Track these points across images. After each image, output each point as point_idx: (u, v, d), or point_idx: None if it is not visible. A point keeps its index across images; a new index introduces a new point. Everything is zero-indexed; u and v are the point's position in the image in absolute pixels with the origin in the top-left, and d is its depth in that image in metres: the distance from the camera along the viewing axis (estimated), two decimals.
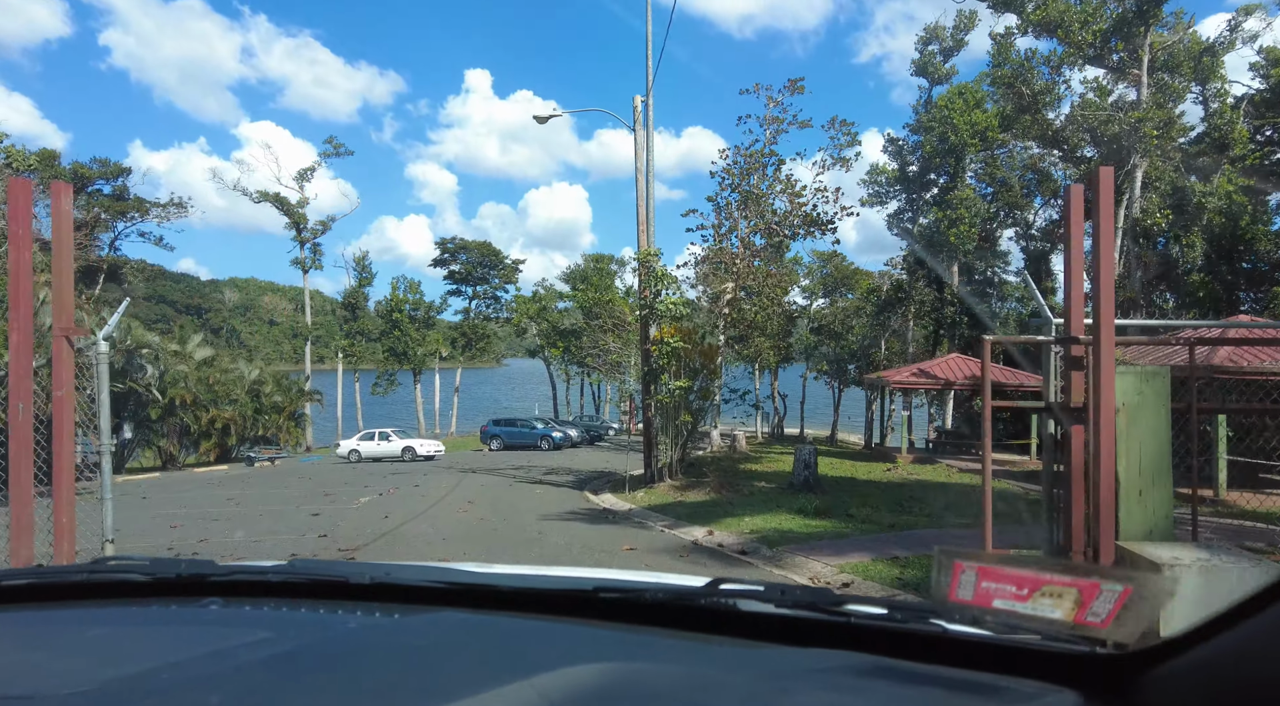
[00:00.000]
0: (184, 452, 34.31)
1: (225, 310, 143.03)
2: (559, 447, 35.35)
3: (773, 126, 25.87)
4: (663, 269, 18.00)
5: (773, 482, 17.56)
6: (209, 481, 24.15)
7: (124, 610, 1.50)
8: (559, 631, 1.34)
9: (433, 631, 1.36)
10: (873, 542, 9.39)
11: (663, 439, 18.23)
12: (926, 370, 25.60)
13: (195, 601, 1.49)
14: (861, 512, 12.20)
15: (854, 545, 9.25)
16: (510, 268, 54.33)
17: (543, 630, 1.35)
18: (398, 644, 1.31)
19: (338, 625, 1.39)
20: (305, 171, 43.22)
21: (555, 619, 1.38)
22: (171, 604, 1.52)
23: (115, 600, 1.54)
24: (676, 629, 1.31)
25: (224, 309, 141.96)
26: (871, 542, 9.40)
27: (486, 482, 20.76)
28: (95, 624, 1.42)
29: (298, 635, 1.33)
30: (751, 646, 1.23)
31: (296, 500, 17.15)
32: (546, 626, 1.36)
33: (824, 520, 11.43)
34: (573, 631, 1.33)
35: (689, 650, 1.25)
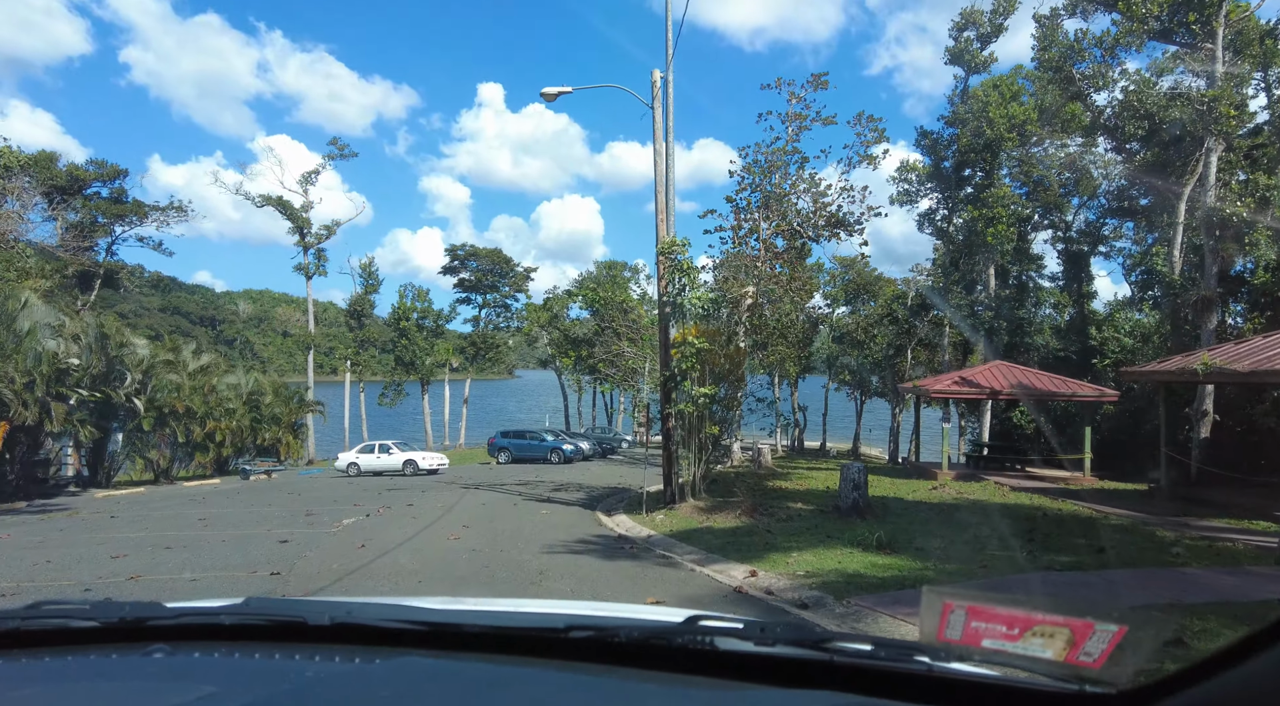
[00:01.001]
0: (177, 465, 32.35)
1: (239, 322, 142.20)
2: (570, 461, 33.15)
3: (795, 123, 23.80)
4: (687, 261, 15.85)
5: (811, 504, 15.27)
6: (192, 497, 22.11)
7: (61, 661, 1.40)
8: (528, 676, 1.28)
9: (395, 680, 1.27)
10: None
11: (684, 453, 16.00)
12: (969, 378, 23.26)
13: (140, 648, 1.40)
14: (933, 546, 9.92)
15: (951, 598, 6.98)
16: (521, 275, 52.35)
17: (510, 676, 1.29)
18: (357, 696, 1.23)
19: (294, 674, 1.30)
20: (309, 175, 41.48)
21: (524, 662, 1.32)
22: (113, 652, 1.43)
23: (52, 648, 1.44)
24: (653, 670, 1.26)
25: (238, 320, 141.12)
26: None
27: (488, 501, 18.58)
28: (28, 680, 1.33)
29: (249, 687, 1.25)
30: (732, 687, 1.19)
31: (273, 521, 15.04)
32: (514, 672, 1.30)
33: (892, 557, 9.16)
34: (542, 676, 1.27)
35: (665, 695, 1.21)
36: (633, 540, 12.31)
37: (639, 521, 14.52)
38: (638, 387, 21.93)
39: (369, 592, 8.04)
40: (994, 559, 8.91)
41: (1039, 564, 8.56)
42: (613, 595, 7.64)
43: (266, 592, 8.11)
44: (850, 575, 8.09)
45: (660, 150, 16.35)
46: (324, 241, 42.19)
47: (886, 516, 13.01)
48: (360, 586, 8.28)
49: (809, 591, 7.52)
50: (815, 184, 24.41)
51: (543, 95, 16.51)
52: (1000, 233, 28.79)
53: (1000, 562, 8.67)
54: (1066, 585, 7.41)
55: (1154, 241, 30.39)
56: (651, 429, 21.92)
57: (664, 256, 15.96)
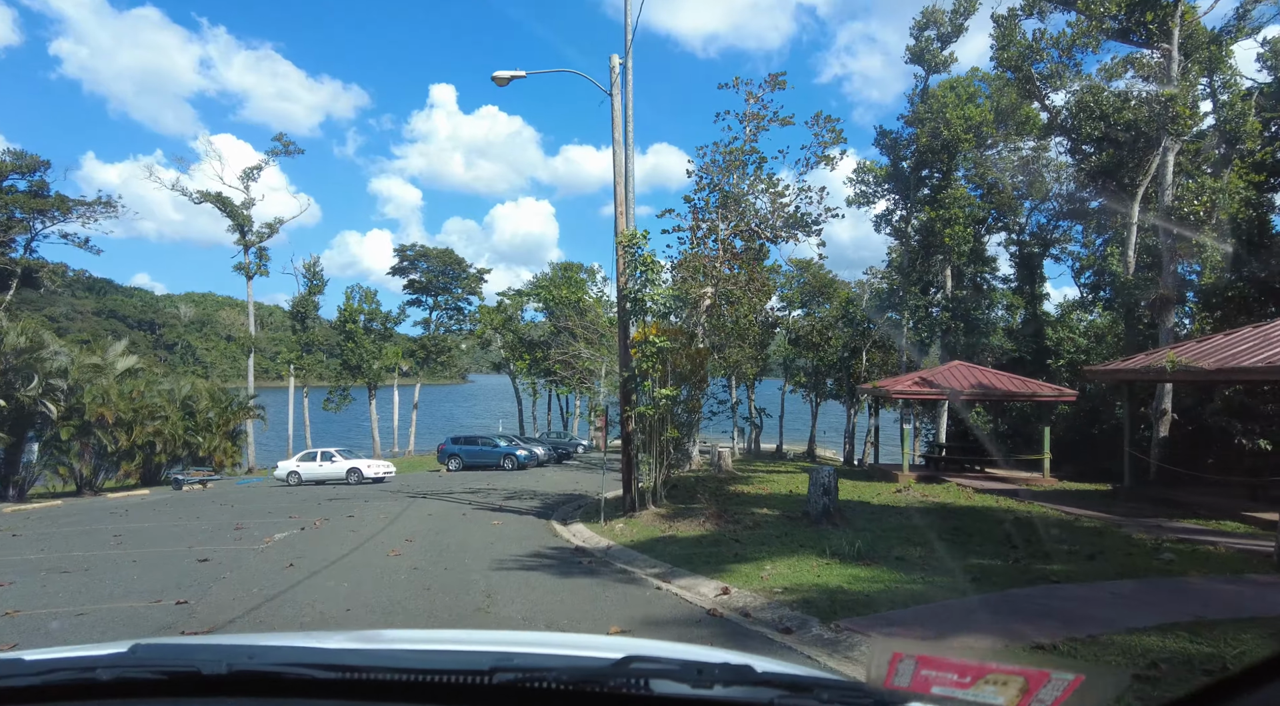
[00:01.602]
0: (104, 476, 30.24)
1: (180, 325, 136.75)
2: (524, 467, 31.97)
3: (752, 123, 23.28)
4: (648, 255, 14.99)
5: (777, 509, 14.52)
6: (114, 510, 20.38)
7: None
8: None
9: None
10: (973, 611, 6.38)
11: (645, 457, 15.12)
12: (929, 379, 22.90)
13: None
14: (914, 555, 9.21)
15: (949, 616, 6.23)
16: (474, 277, 50.87)
17: None
18: None
19: None
20: (250, 171, 39.44)
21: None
22: None
23: None
24: None
25: (179, 324, 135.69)
26: (971, 611, 6.39)
27: (436, 511, 17.42)
28: None
29: None
30: None
31: (197, 536, 13.68)
32: None
33: (873, 568, 8.41)
34: None
35: None
36: (591, 552, 11.37)
37: (597, 531, 13.58)
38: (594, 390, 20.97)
39: (288, 623, 6.95)
40: (982, 569, 8.22)
41: (1031, 574, 7.88)
42: (569, 621, 6.68)
43: (167, 627, 6.97)
44: (832, 591, 7.29)
45: (619, 138, 15.49)
46: (266, 240, 40.22)
47: (856, 522, 12.32)
48: (278, 616, 7.17)
49: (790, 611, 6.69)
50: (773, 184, 23.88)
51: (494, 79, 15.50)
52: (957, 233, 28.66)
53: (991, 573, 7.98)
54: (1078, 601, 6.71)
55: (1104, 243, 30.69)
56: (609, 433, 21.00)
57: (624, 249, 15.08)
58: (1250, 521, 13.28)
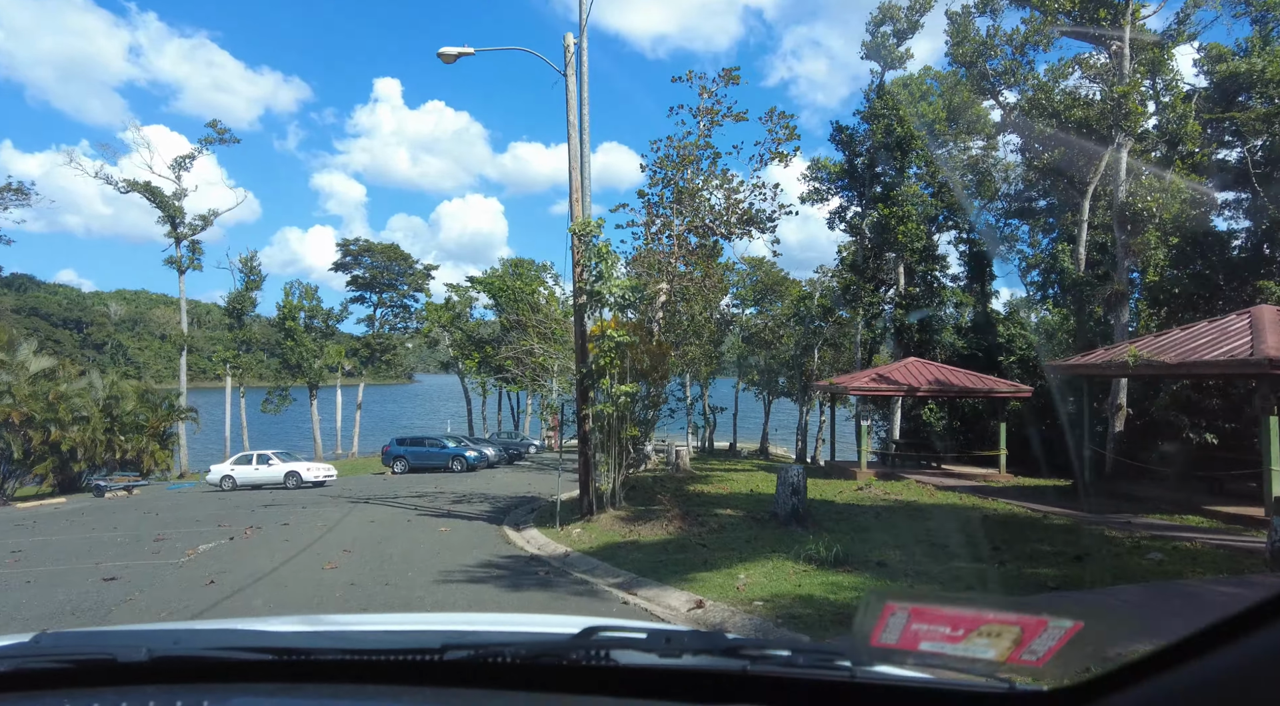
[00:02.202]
0: (14, 482, 28.00)
1: (110, 324, 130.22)
2: (473, 469, 30.81)
3: (706, 118, 22.67)
4: (604, 245, 14.21)
5: (741, 510, 13.89)
6: (20, 522, 18.63)
7: None
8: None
9: None
10: None
11: (602, 458, 14.32)
12: (886, 376, 22.65)
13: None
14: (894, 559, 8.63)
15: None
16: (421, 274, 49.29)
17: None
18: None
19: None
20: (182, 159, 37.15)
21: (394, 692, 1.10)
22: None
23: None
24: (543, 691, 1.09)
25: (109, 323, 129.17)
26: None
27: (379, 517, 16.30)
28: None
29: None
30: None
31: (109, 550, 12.36)
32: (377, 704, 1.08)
33: (853, 575, 7.78)
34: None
35: None
36: (546, 561, 10.52)
37: (553, 536, 12.74)
38: (548, 388, 20.09)
39: None
40: (970, 573, 7.68)
41: (1024, 580, 7.36)
42: None
43: None
44: (817, 603, 6.63)
45: (574, 122, 14.66)
46: (199, 233, 38.03)
47: (825, 523, 11.76)
48: None
49: (774, 626, 5.99)
50: (728, 180, 23.37)
51: (440, 56, 14.49)
52: (910, 230, 28.61)
53: (981, 579, 7.43)
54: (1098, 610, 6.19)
55: (1050, 241, 31.04)
56: (565, 432, 20.15)
57: (579, 239, 14.26)
58: (1212, 515, 13.18)
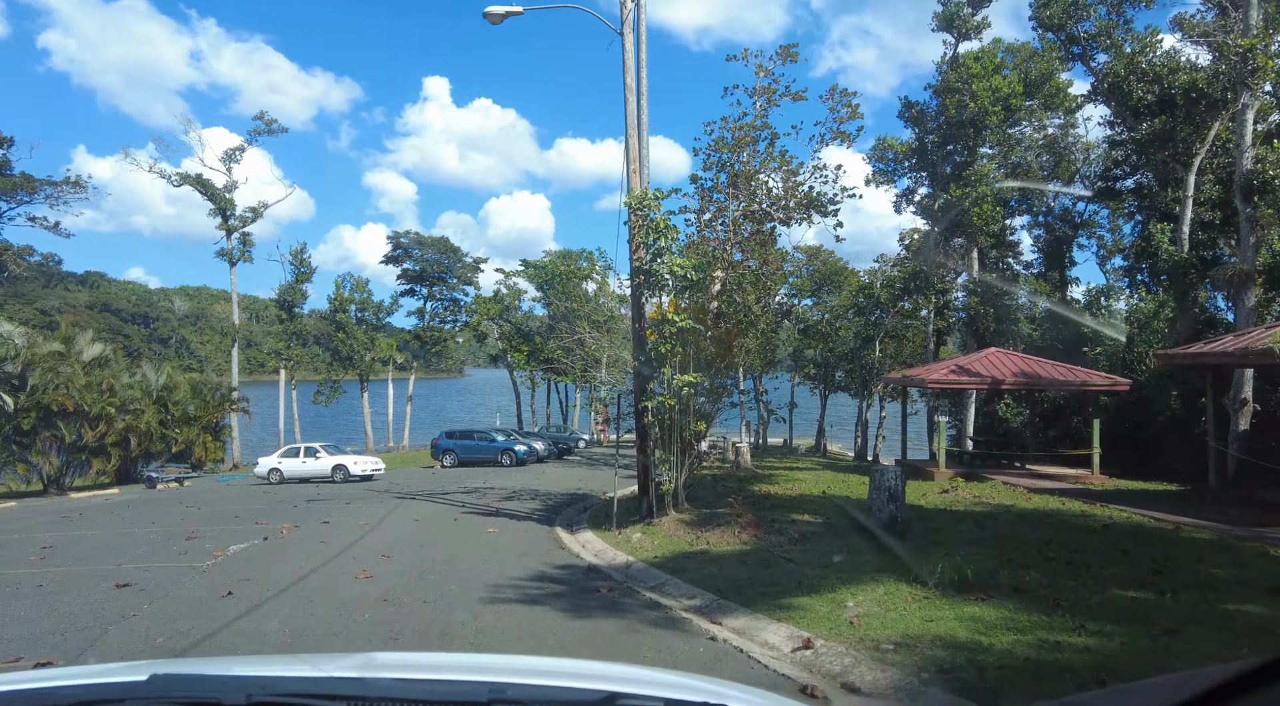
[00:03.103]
0: (73, 473, 27.92)
1: (175, 319, 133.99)
2: (522, 463, 29.76)
3: (763, 97, 21.04)
4: (664, 219, 12.78)
5: (818, 515, 12.32)
6: (66, 514, 18.09)
7: None
8: None
9: None
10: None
11: (663, 455, 12.90)
12: (967, 367, 20.71)
13: None
14: (1031, 583, 7.03)
15: None
16: (470, 266, 48.50)
17: None
18: None
19: None
20: (232, 152, 36.96)
21: None
22: None
23: None
24: None
25: (173, 318, 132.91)
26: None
27: (424, 515, 15.19)
28: None
29: None
30: None
31: (137, 549, 11.44)
32: None
33: (992, 605, 6.21)
34: None
35: None
36: (607, 573, 9.16)
37: (611, 542, 11.38)
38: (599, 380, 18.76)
39: None
40: (1144, 608, 6.03)
41: (1224, 620, 5.68)
42: None
43: None
44: (964, 647, 5.10)
45: (630, 84, 13.25)
46: (249, 225, 37.79)
47: (923, 533, 10.13)
48: None
49: (919, 683, 4.49)
50: (786, 161, 21.70)
51: (486, 15, 13.21)
52: (985, 212, 26.47)
53: (1161, 614, 5.78)
54: None
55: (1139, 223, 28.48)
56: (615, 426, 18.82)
57: (635, 213, 12.86)
58: None
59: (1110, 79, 20.42)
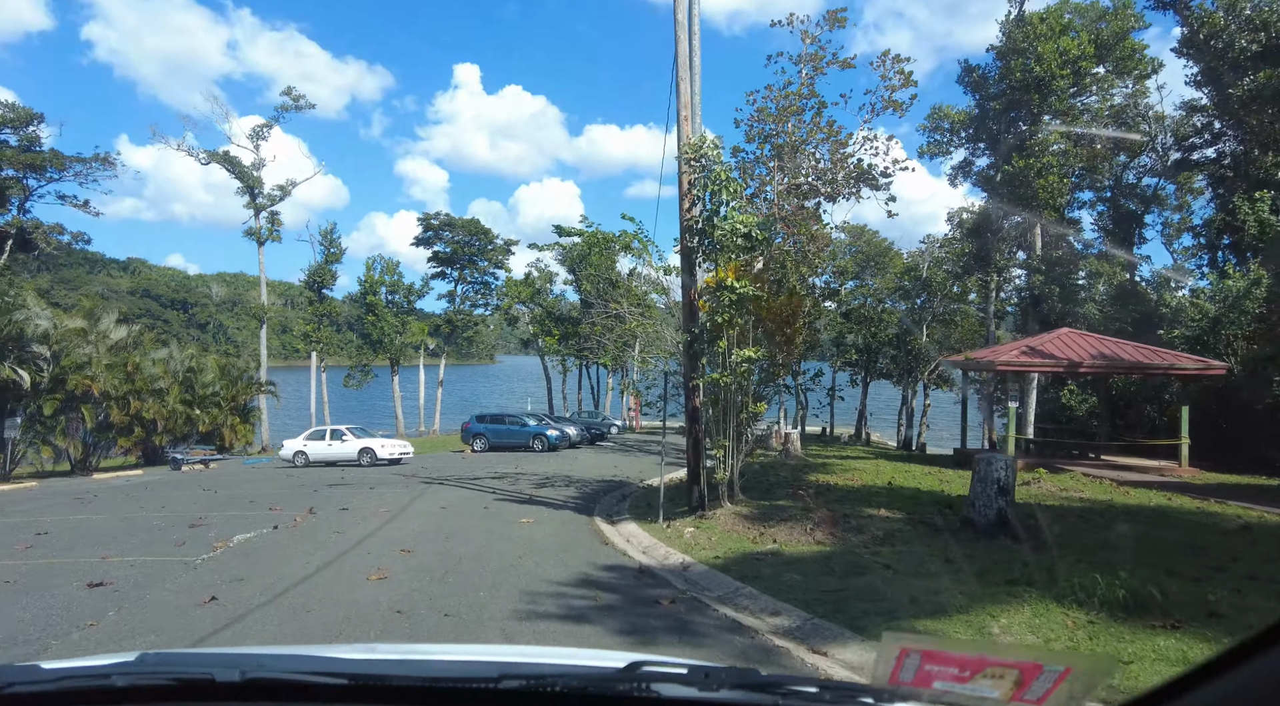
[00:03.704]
0: (100, 453, 27.24)
1: (212, 305, 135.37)
2: (554, 449, 28.46)
3: (809, 65, 19.24)
4: (724, 170, 11.20)
5: (897, 510, 10.70)
6: (80, 495, 17.10)
7: None
8: None
9: None
10: None
11: (718, 441, 11.34)
12: (1039, 348, 18.84)
13: None
14: (1219, 602, 5.40)
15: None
16: (501, 249, 47.21)
17: None
18: None
19: None
20: (260, 129, 35.97)
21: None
22: None
23: None
24: None
25: (210, 304, 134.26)
26: None
27: (452, 502, 13.84)
28: None
29: None
30: None
31: (135, 538, 10.23)
32: None
33: (1195, 636, 4.61)
34: None
35: None
36: (663, 577, 7.66)
37: (660, 536, 9.90)
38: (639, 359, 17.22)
39: None
40: None
41: None
42: None
43: None
44: None
45: (682, 20, 11.64)
46: (277, 203, 36.81)
47: (1032, 533, 8.47)
48: None
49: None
50: (835, 132, 19.87)
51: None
52: (1051, 185, 24.39)
53: None
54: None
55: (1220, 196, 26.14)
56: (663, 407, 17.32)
57: (690, 163, 11.29)
58: None
59: (1206, 29, 18.26)
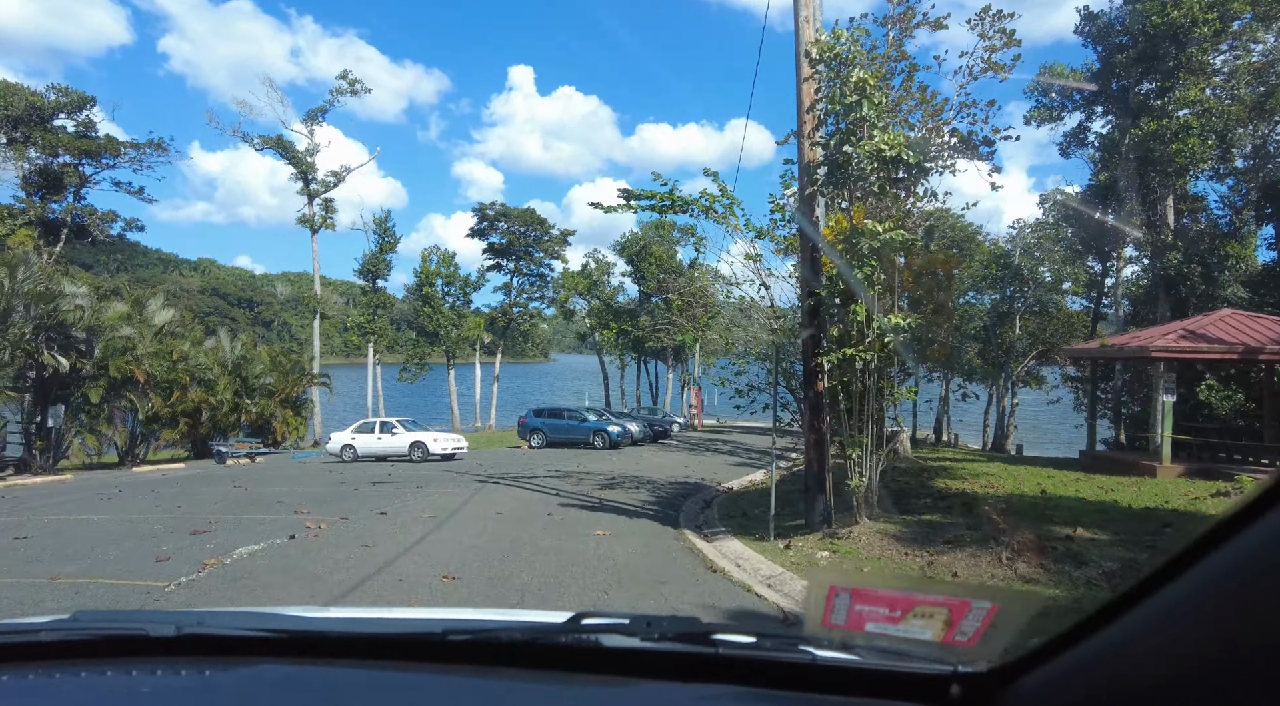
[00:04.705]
0: (146, 445, 25.90)
1: (277, 304, 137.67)
2: (616, 446, 26.04)
3: (897, 26, 16.29)
4: (869, 76, 8.52)
5: (1097, 529, 7.82)
6: (107, 489, 15.31)
7: None
8: (402, 681, 1.10)
9: (245, 689, 1.08)
10: None
11: (852, 439, 8.60)
12: (1200, 332, 15.54)
13: None
14: None
15: None
16: (558, 239, 45.05)
17: (382, 681, 1.10)
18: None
19: (128, 691, 1.08)
20: (315, 113, 34.51)
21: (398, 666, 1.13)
22: None
23: None
24: (537, 670, 1.14)
25: (275, 302, 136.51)
26: None
27: (509, 507, 11.44)
28: None
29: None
30: (617, 684, 1.10)
31: (117, 547, 8.12)
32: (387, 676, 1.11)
33: None
34: (418, 680, 1.10)
35: (548, 693, 1.11)
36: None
37: (782, 562, 7.27)
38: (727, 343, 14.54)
39: None
40: None
41: None
42: None
43: None
44: None
45: None
46: (331, 190, 35.37)
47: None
48: None
49: None
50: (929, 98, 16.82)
51: None
52: (1190, 148, 20.82)
53: None
54: None
55: None
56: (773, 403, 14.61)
57: (817, 66, 8.65)
58: None
59: None
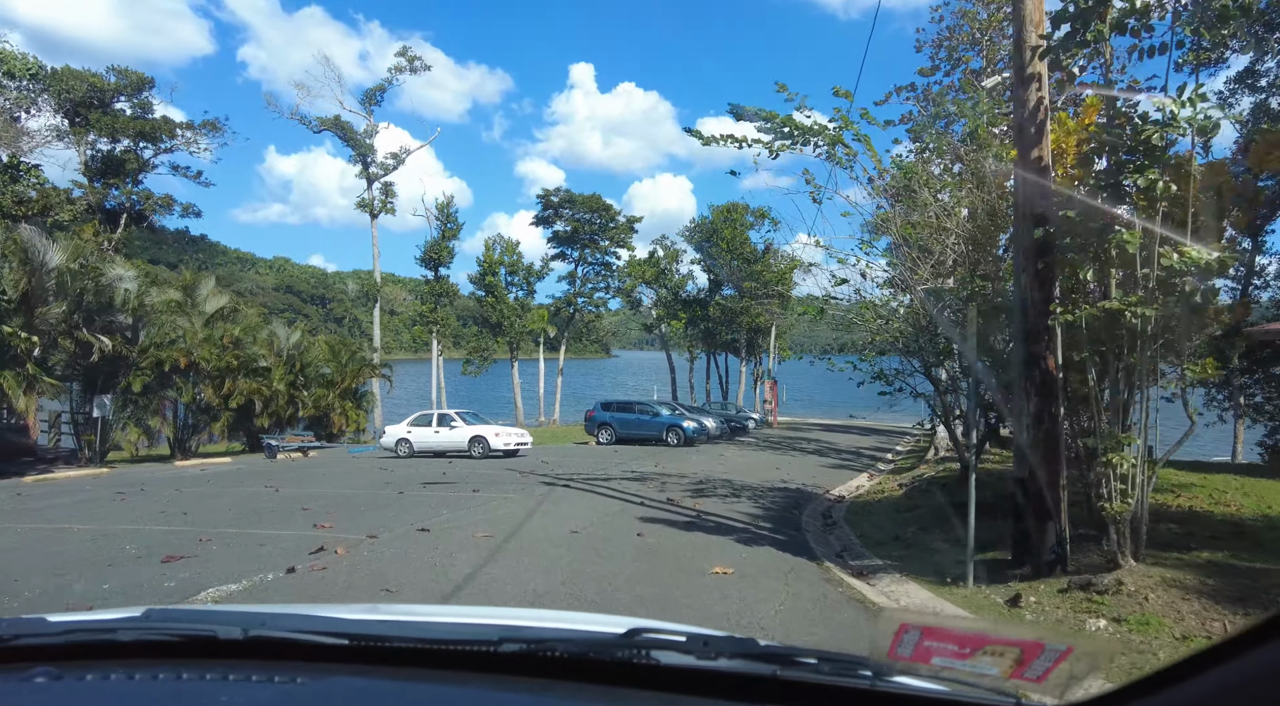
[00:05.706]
0: (197, 437, 24.45)
1: (348, 300, 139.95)
2: (691, 443, 23.30)
3: None
4: None
5: None
6: (130, 486, 13.37)
7: None
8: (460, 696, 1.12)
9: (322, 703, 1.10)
10: None
11: (1115, 440, 5.61)
12: None
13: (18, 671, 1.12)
14: None
15: None
16: (624, 226, 42.52)
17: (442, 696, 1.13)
18: None
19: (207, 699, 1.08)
20: (373, 93, 32.90)
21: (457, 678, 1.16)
22: None
23: None
24: (591, 683, 1.14)
25: (346, 299, 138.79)
26: None
27: (585, 522, 8.80)
28: None
29: None
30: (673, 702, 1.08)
31: (52, 580, 5.83)
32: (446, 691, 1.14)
33: None
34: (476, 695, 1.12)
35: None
36: None
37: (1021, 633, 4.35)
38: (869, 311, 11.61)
39: None
40: None
41: None
42: None
43: None
44: None
45: None
46: (390, 173, 33.71)
47: None
48: None
49: None
50: None
51: None
52: None
53: None
54: None
55: None
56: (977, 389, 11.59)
57: None
58: None
59: None
